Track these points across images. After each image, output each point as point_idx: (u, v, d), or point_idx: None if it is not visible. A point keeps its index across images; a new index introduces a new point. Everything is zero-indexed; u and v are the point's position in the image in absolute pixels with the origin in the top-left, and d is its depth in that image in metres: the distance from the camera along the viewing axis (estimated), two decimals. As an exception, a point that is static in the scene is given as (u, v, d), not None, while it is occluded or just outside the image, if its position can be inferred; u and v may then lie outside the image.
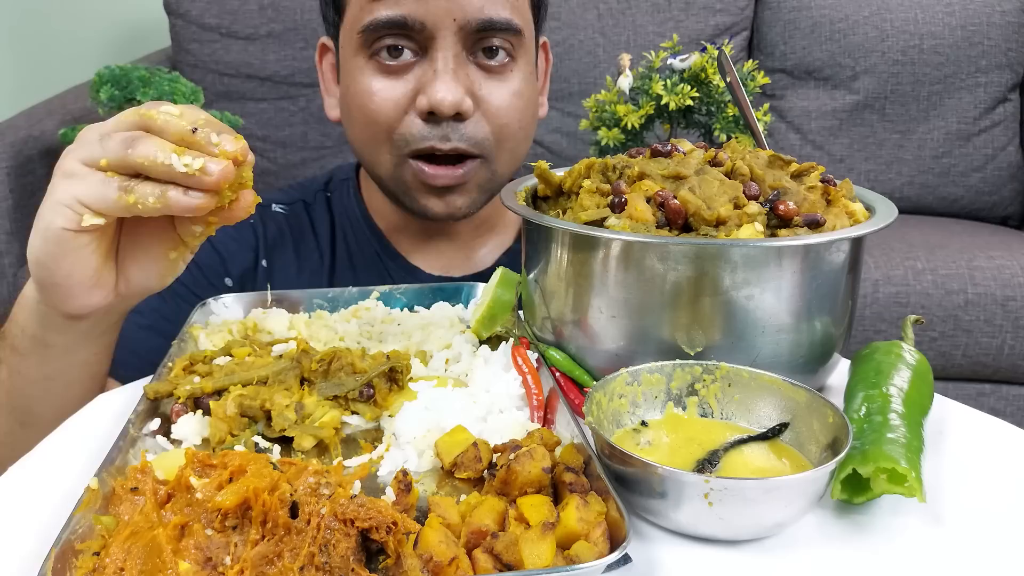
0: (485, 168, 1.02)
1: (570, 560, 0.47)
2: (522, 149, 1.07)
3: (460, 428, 0.62)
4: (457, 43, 0.96)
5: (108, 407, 0.72)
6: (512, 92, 1.01)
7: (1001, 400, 1.95)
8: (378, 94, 0.98)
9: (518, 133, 1.04)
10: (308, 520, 0.47)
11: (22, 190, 1.96)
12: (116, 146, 0.64)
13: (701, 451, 0.60)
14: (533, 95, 1.08)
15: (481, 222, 1.15)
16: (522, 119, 1.04)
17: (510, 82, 1.01)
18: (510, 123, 1.02)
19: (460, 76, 0.97)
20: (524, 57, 1.03)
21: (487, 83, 1.00)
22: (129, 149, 0.64)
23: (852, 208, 0.72)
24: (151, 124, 0.65)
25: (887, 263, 1.90)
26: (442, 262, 1.14)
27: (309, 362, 0.70)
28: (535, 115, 1.10)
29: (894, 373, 0.67)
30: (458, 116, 0.97)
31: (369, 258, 1.13)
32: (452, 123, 0.97)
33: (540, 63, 1.15)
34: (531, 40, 1.05)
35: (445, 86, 0.94)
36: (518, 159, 1.08)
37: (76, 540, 0.48)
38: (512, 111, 1.02)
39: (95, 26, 2.72)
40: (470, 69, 0.98)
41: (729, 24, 2.45)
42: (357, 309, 0.87)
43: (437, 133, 0.97)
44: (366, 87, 0.99)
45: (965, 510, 0.58)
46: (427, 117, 0.97)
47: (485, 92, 0.99)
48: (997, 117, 2.42)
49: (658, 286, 0.66)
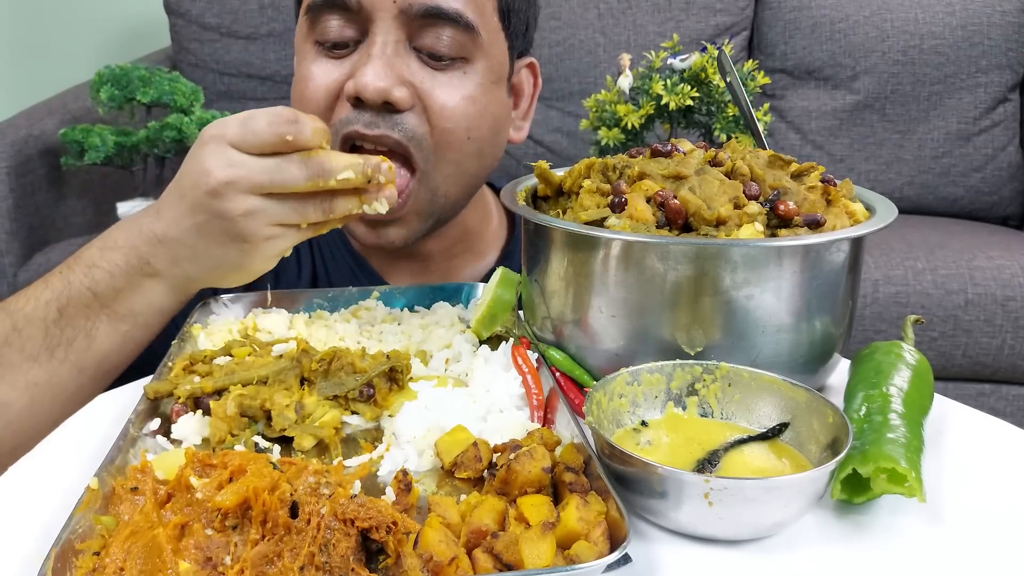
0: (423, 188, 0.93)
1: (570, 560, 0.47)
2: (470, 166, 0.96)
3: (460, 428, 0.62)
4: (398, 28, 0.89)
5: (108, 407, 0.72)
6: (462, 95, 0.92)
7: (1001, 400, 1.95)
8: (313, 79, 0.92)
9: (465, 144, 0.93)
10: (308, 520, 0.47)
11: (22, 190, 1.96)
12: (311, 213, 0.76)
13: (701, 451, 0.60)
14: (496, 109, 0.97)
15: (454, 242, 1.08)
16: (472, 128, 0.93)
17: (461, 84, 0.92)
18: (455, 128, 0.92)
19: (396, 64, 0.88)
20: (483, 63, 0.94)
21: (432, 79, 0.91)
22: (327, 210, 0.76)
23: (852, 208, 0.72)
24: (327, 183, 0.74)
25: (887, 263, 1.90)
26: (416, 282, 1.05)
27: (309, 362, 0.70)
28: (496, 133, 0.99)
29: (894, 373, 0.67)
30: (390, 107, 0.89)
31: (345, 276, 1.08)
32: (384, 114, 0.89)
33: (525, 86, 1.07)
34: (497, 48, 0.96)
35: (373, 70, 0.86)
36: (466, 178, 0.97)
37: (76, 540, 0.48)
38: (459, 115, 0.92)
39: (95, 26, 2.72)
40: (411, 60, 0.90)
41: (729, 24, 2.45)
42: (357, 309, 0.87)
43: (364, 119, 0.89)
44: (305, 72, 0.93)
45: (965, 510, 0.58)
46: (355, 103, 0.89)
47: (428, 87, 0.90)
48: (997, 117, 2.42)
49: (658, 286, 0.66)
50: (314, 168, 0.73)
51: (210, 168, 0.73)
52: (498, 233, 1.16)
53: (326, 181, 0.73)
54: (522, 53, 1.04)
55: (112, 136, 1.94)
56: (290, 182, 0.73)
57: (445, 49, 0.90)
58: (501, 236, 1.17)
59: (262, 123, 0.72)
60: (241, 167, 0.72)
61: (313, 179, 0.73)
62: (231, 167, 0.72)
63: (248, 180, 0.72)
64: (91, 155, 1.92)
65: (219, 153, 0.73)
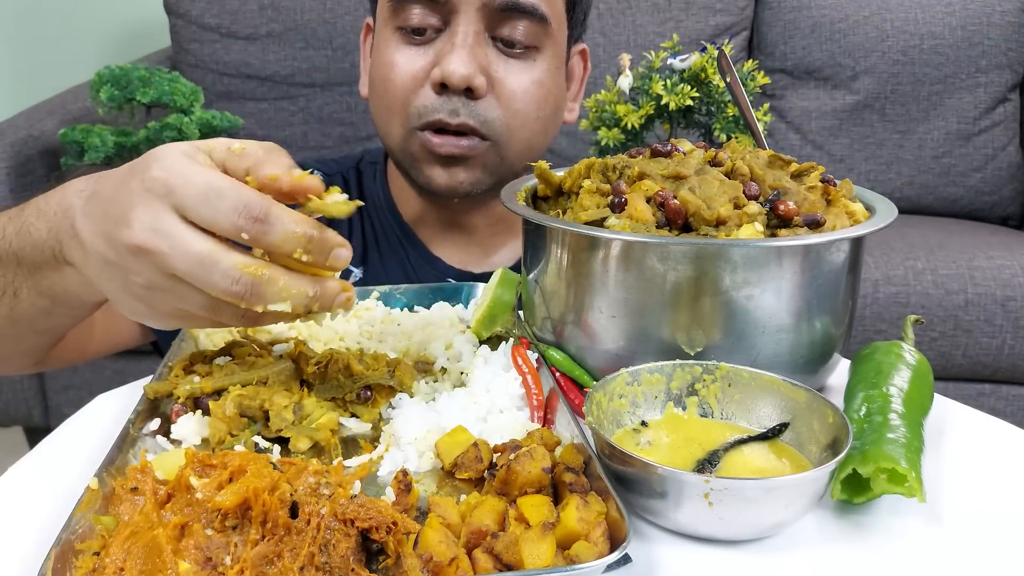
0: (494, 152, 1.02)
1: (570, 560, 0.47)
2: (538, 142, 1.07)
3: (460, 428, 0.62)
4: (479, 20, 0.97)
5: (108, 407, 0.72)
6: (532, 80, 1.01)
7: (1001, 400, 1.95)
8: (398, 65, 1.00)
9: (534, 123, 1.03)
10: (308, 520, 0.47)
11: (22, 190, 1.96)
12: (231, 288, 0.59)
13: (701, 451, 0.60)
14: (557, 92, 1.07)
15: (497, 219, 1.15)
16: (540, 109, 1.03)
17: (531, 70, 1.01)
18: (525, 110, 1.01)
19: (476, 53, 0.97)
20: (551, 50, 1.03)
21: (505, 66, 1.00)
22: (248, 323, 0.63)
23: (852, 208, 0.72)
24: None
25: (887, 263, 1.90)
26: (460, 256, 1.15)
27: (306, 364, 0.70)
28: (557, 112, 1.09)
29: (894, 373, 0.67)
30: (470, 92, 0.97)
31: (392, 244, 1.15)
32: (464, 99, 0.98)
33: (576, 70, 1.16)
34: (561, 36, 1.05)
35: (459, 59, 0.95)
36: (534, 152, 1.07)
37: (76, 540, 0.48)
38: (529, 98, 1.01)
39: (95, 26, 2.72)
40: (489, 50, 0.99)
41: (729, 24, 2.45)
42: (357, 309, 0.87)
43: (447, 107, 0.98)
44: (389, 58, 1.01)
45: (965, 510, 0.58)
46: (439, 90, 0.98)
47: (502, 75, 0.99)
48: (997, 117, 2.42)
49: (658, 286, 0.66)
50: (243, 286, 0.58)
51: (133, 220, 0.58)
52: None
53: (250, 305, 0.59)
54: (576, 39, 1.13)
55: (112, 136, 1.94)
56: (208, 286, 0.59)
57: (520, 38, 0.99)
58: None
59: (226, 206, 0.58)
60: (165, 240, 0.58)
61: (235, 297, 0.59)
62: (155, 234, 0.58)
63: (164, 260, 0.58)
64: (91, 155, 1.92)
65: (153, 209, 0.58)
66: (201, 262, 0.58)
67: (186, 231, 0.58)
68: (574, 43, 1.12)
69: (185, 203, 0.58)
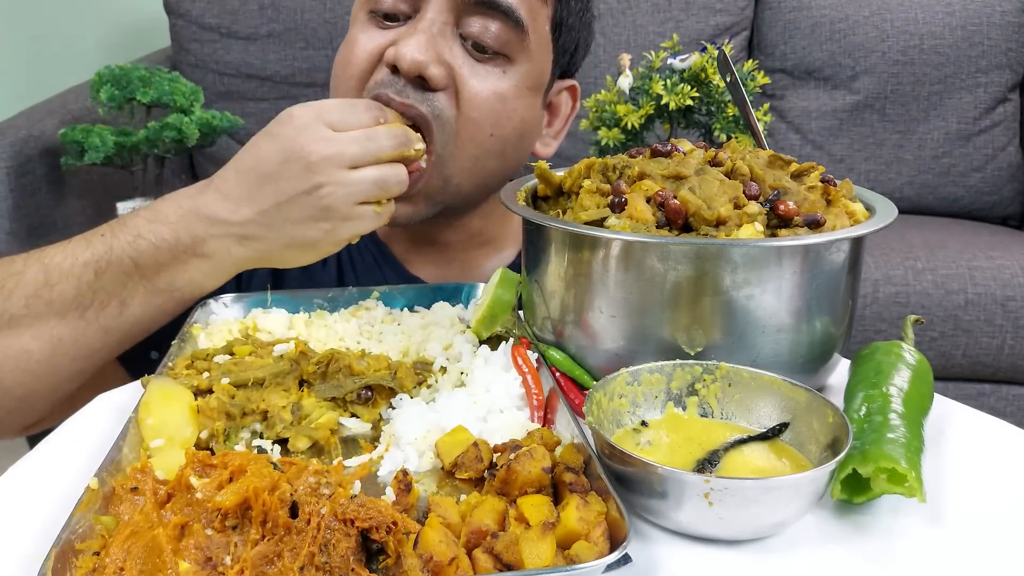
0: (437, 173, 0.93)
1: (570, 560, 0.47)
2: (489, 164, 0.96)
3: (460, 428, 0.62)
4: (448, 11, 0.90)
5: (108, 407, 0.72)
6: (495, 89, 0.93)
7: (1001, 400, 1.95)
8: (358, 43, 0.94)
9: (487, 140, 0.94)
10: (308, 520, 0.47)
11: (22, 190, 1.96)
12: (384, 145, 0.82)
13: (701, 451, 0.60)
14: (525, 115, 0.97)
15: (474, 234, 1.09)
16: (497, 126, 0.94)
17: (497, 79, 0.93)
18: (480, 119, 0.92)
19: (438, 43, 0.90)
20: (525, 66, 0.95)
21: (470, 67, 0.92)
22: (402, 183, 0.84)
23: (852, 208, 0.72)
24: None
25: (887, 263, 1.90)
26: (437, 273, 1.09)
27: (307, 364, 0.70)
28: (521, 138, 0.99)
29: (894, 373, 0.67)
30: (423, 83, 0.89)
31: (368, 264, 1.10)
32: (417, 88, 0.90)
33: (563, 106, 1.09)
34: (541, 57, 0.97)
35: (416, 43, 0.88)
36: (483, 175, 0.97)
37: (76, 540, 0.48)
38: (487, 108, 0.92)
39: (95, 26, 2.72)
40: (454, 45, 0.91)
41: (729, 24, 2.45)
42: (357, 309, 0.87)
43: (396, 86, 0.90)
44: (352, 36, 0.96)
45: (965, 510, 0.58)
46: (393, 71, 0.90)
47: (464, 73, 0.91)
48: (997, 117, 2.42)
49: (658, 286, 0.66)
50: (400, 137, 0.82)
51: (305, 143, 0.78)
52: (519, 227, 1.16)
53: (408, 149, 0.82)
54: (565, 73, 1.06)
55: (112, 136, 1.94)
56: (381, 150, 0.80)
57: (490, 41, 0.92)
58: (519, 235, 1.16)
59: (361, 107, 0.82)
60: (336, 142, 0.78)
61: (399, 148, 0.82)
62: (327, 142, 0.78)
63: (344, 154, 0.78)
64: (91, 155, 1.92)
65: (314, 130, 0.78)
66: (368, 136, 0.80)
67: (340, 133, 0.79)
68: (561, 76, 1.05)
69: (333, 119, 0.80)
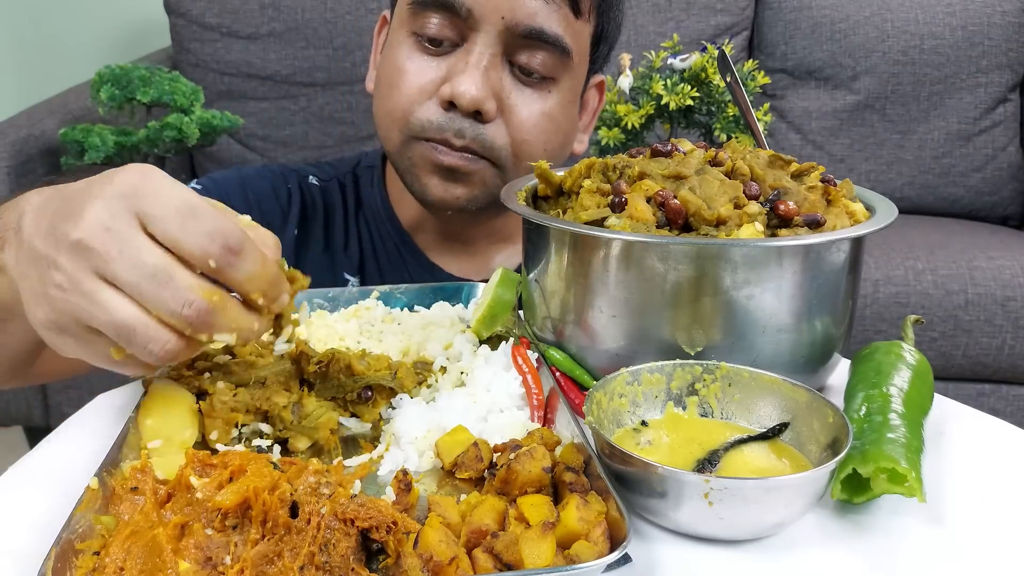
0: (495, 173, 0.99)
1: (570, 560, 0.47)
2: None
3: (460, 428, 0.62)
4: (498, 42, 0.94)
5: (108, 407, 0.72)
6: (543, 111, 0.98)
7: (1001, 400, 1.95)
8: (407, 73, 0.97)
9: (540, 155, 0.99)
10: (308, 520, 0.47)
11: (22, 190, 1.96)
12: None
13: (701, 451, 0.60)
14: (568, 125, 1.04)
15: (495, 231, 1.13)
16: (548, 142, 1.00)
17: (544, 101, 0.98)
18: (534, 141, 0.98)
19: (490, 75, 0.94)
20: (568, 83, 1.00)
21: (518, 93, 0.97)
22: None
23: (852, 208, 0.72)
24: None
25: (887, 263, 1.90)
26: (458, 265, 1.13)
27: (307, 363, 0.70)
28: (565, 145, 1.06)
29: (894, 373, 0.67)
30: (478, 115, 0.94)
31: (390, 252, 1.13)
32: (471, 121, 0.95)
33: (592, 101, 1.13)
34: (581, 70, 1.02)
35: (471, 79, 0.92)
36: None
37: (76, 540, 0.48)
38: (538, 130, 0.98)
39: (95, 26, 2.72)
40: (504, 74, 0.96)
41: (729, 24, 2.45)
42: (357, 309, 0.87)
43: (453, 126, 0.95)
44: (399, 63, 0.98)
45: (965, 510, 0.58)
46: (447, 107, 0.95)
47: (514, 101, 0.96)
48: (997, 117, 2.42)
49: (658, 286, 0.66)
50: (194, 311, 0.53)
51: (86, 214, 0.52)
52: None
53: (195, 333, 0.54)
54: (596, 71, 1.10)
55: (112, 136, 1.94)
56: (154, 303, 0.52)
57: (537, 67, 0.96)
58: None
59: (200, 228, 0.52)
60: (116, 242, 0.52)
61: (180, 321, 0.53)
62: (107, 233, 0.52)
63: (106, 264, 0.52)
64: (91, 155, 1.92)
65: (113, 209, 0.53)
66: (154, 274, 0.52)
67: (144, 240, 0.52)
68: (592, 74, 1.09)
69: (153, 212, 0.52)
